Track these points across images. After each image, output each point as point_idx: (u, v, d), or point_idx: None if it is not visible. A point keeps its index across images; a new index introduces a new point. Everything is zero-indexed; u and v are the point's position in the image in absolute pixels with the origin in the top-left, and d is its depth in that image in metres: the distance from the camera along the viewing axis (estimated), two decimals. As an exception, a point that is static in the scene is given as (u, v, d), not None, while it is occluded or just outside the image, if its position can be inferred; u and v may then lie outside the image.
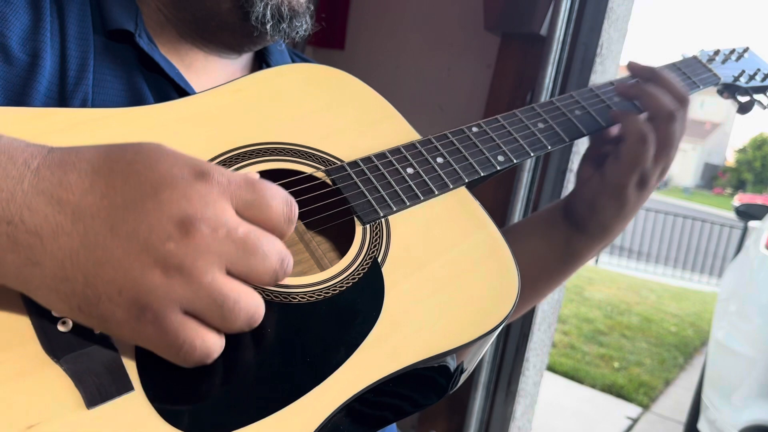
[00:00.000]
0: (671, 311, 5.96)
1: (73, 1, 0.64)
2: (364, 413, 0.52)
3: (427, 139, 0.68)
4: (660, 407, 3.79)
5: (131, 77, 0.65)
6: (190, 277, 0.38)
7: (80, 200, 0.39)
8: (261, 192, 0.42)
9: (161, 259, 0.38)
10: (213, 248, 0.39)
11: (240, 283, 0.41)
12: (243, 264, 0.40)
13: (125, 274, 0.38)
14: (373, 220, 0.60)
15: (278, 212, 0.43)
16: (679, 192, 36.46)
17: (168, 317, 0.39)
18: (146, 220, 0.39)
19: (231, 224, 0.40)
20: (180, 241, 0.38)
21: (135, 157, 0.41)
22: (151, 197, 0.39)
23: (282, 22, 0.68)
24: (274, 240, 0.42)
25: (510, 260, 0.61)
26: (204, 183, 0.40)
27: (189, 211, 0.39)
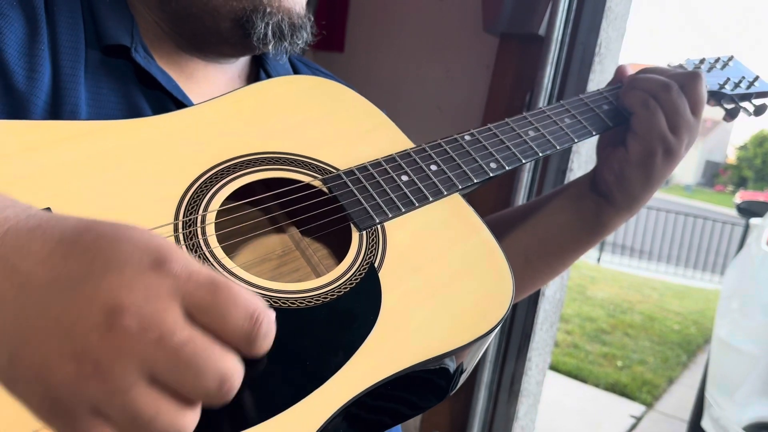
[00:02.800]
0: (674, 309, 5.95)
1: (62, 12, 0.63)
2: (363, 416, 0.52)
3: (420, 147, 0.70)
4: (663, 405, 3.78)
5: (128, 92, 0.65)
6: (104, 378, 0.34)
7: (31, 270, 0.36)
8: (222, 297, 0.36)
9: (79, 351, 0.34)
10: (137, 351, 0.34)
11: (164, 397, 0.35)
12: (171, 377, 0.34)
13: (42, 359, 0.34)
14: (370, 226, 0.61)
15: (234, 326, 0.36)
16: (681, 190, 36.42)
17: (76, 415, 0.34)
18: (77, 304, 0.35)
19: (167, 328, 0.34)
20: (103, 334, 0.34)
21: (107, 232, 0.37)
22: (94, 279, 0.35)
23: (284, 40, 0.68)
24: (220, 356, 0.35)
25: (504, 264, 0.62)
26: (156, 273, 0.35)
27: (124, 302, 0.34)
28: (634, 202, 0.81)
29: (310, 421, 0.47)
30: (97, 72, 0.64)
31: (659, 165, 0.77)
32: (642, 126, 0.76)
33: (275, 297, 0.52)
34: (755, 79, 0.94)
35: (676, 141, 0.76)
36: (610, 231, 0.85)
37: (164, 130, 0.60)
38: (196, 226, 0.54)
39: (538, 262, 0.87)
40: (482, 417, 1.62)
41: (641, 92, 0.78)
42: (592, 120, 0.80)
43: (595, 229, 0.84)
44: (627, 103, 0.79)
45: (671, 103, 0.76)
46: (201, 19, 0.67)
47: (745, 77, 0.94)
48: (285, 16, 0.67)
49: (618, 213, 0.83)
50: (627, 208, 0.82)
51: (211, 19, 0.67)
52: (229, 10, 0.66)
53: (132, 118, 0.60)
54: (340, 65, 2.02)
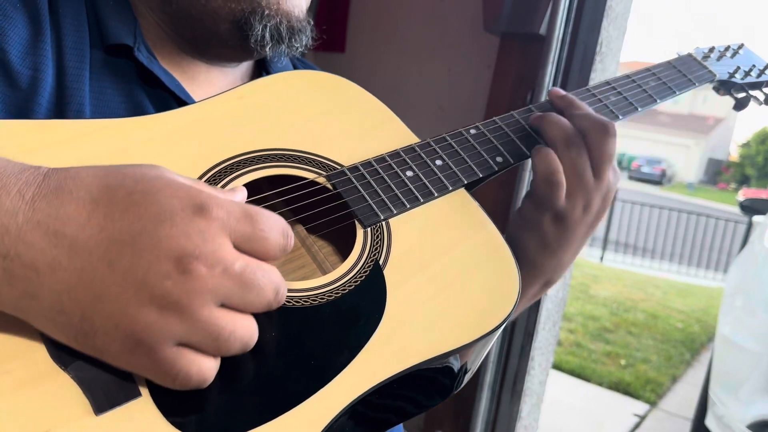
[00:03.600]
0: (677, 307, 5.94)
1: (68, 13, 0.64)
2: (369, 414, 0.52)
3: (425, 142, 0.69)
4: (667, 404, 3.78)
5: (131, 91, 0.65)
6: (186, 314, 0.39)
7: (77, 234, 0.39)
8: (259, 225, 0.43)
9: (158, 297, 0.39)
10: (209, 286, 0.39)
11: (235, 313, 0.42)
12: (238, 298, 0.41)
13: (121, 310, 0.39)
14: (374, 223, 0.60)
15: (275, 244, 0.44)
16: (683, 188, 36.35)
17: (163, 351, 0.40)
18: (144, 257, 0.39)
19: (228, 261, 0.40)
20: (177, 280, 0.39)
21: (135, 187, 0.41)
22: (149, 233, 0.39)
23: (281, 43, 0.68)
24: (270, 272, 0.43)
25: (510, 260, 0.61)
26: (203, 218, 0.40)
27: (187, 249, 0.39)
28: (536, 267, 0.74)
29: (316, 420, 0.47)
30: (100, 72, 0.64)
31: (550, 231, 0.70)
32: (539, 192, 0.69)
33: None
34: (766, 67, 0.92)
35: (568, 207, 0.68)
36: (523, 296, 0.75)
37: (167, 128, 0.60)
38: None
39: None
40: (485, 416, 1.62)
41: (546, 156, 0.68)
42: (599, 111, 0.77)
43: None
44: (532, 164, 0.69)
45: (570, 164, 0.67)
46: (200, 21, 0.67)
47: (756, 65, 0.92)
48: (284, 19, 0.67)
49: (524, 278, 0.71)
50: (532, 274, 0.74)
51: (210, 21, 0.67)
52: (228, 12, 0.66)
53: (134, 117, 0.60)
54: (342, 66, 2.02)
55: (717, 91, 0.92)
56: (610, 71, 1.55)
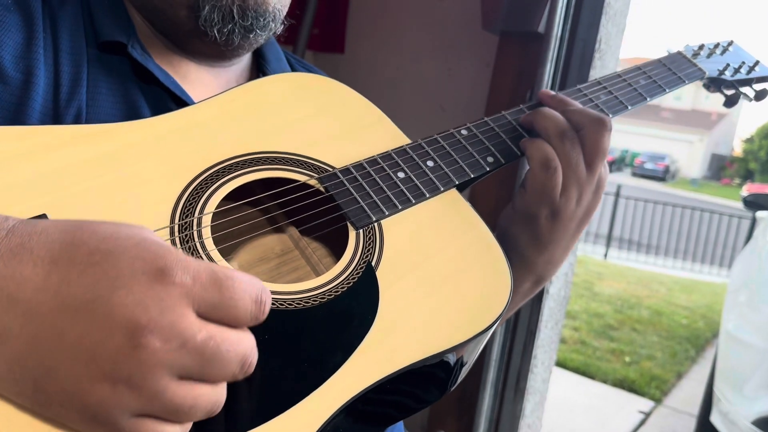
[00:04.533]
0: (682, 304, 5.93)
1: (65, 16, 0.64)
2: (363, 415, 0.53)
3: (417, 143, 0.69)
4: (672, 400, 3.77)
5: (126, 89, 0.65)
6: (139, 390, 0.36)
7: (32, 298, 0.36)
8: (228, 292, 0.39)
9: (109, 372, 0.36)
10: (164, 361, 0.36)
11: (196, 384, 0.38)
12: (198, 371, 0.38)
13: (73, 385, 0.36)
14: (366, 224, 0.61)
15: (244, 313, 0.40)
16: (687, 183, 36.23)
17: (120, 424, 0.37)
18: (96, 328, 0.36)
19: (188, 334, 0.37)
20: (129, 355, 0.36)
21: (99, 245, 0.38)
22: (103, 300, 0.36)
23: (231, 22, 0.65)
24: (237, 342, 0.39)
25: (501, 258, 0.61)
26: (163, 284, 0.37)
27: (141, 321, 0.36)
28: (527, 263, 0.74)
29: (310, 421, 0.47)
30: (96, 70, 0.64)
31: (543, 225, 0.71)
32: (534, 185, 0.69)
33: (273, 298, 0.52)
34: (755, 63, 0.93)
35: (562, 200, 0.69)
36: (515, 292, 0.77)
37: (158, 133, 0.60)
38: (192, 228, 0.54)
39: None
40: (488, 415, 1.62)
41: (541, 147, 0.69)
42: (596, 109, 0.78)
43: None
44: (526, 154, 0.70)
45: (564, 156, 0.68)
46: (163, 11, 0.67)
47: (746, 62, 0.92)
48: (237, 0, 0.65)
49: (516, 274, 0.74)
50: (523, 270, 0.75)
51: (170, 10, 0.67)
52: None
53: (127, 121, 0.60)
54: (341, 67, 2.02)
55: (707, 89, 0.92)
56: (610, 68, 1.55)
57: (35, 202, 0.50)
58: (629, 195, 10.06)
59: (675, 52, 0.90)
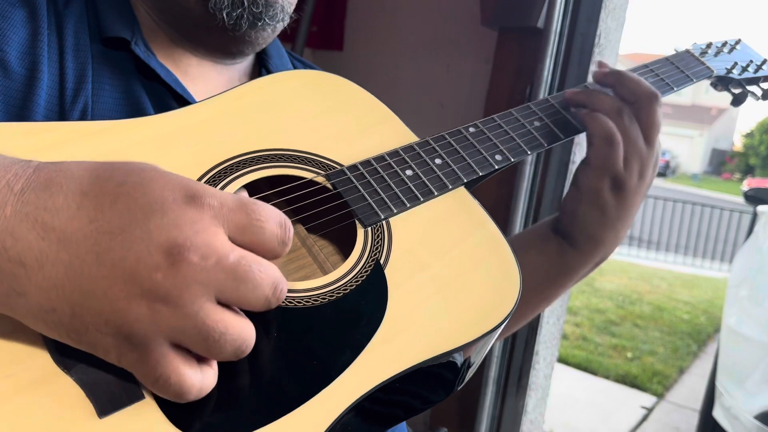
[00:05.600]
0: (683, 299, 5.93)
1: (71, 13, 0.64)
2: (372, 414, 0.52)
3: (425, 140, 0.69)
4: (674, 396, 3.78)
5: (129, 86, 0.65)
6: (176, 307, 0.37)
7: (66, 226, 0.38)
8: (254, 215, 0.41)
9: (147, 290, 0.37)
10: (201, 278, 0.38)
11: (229, 312, 0.39)
12: (233, 292, 0.39)
13: (111, 305, 0.37)
14: (374, 222, 0.60)
15: (272, 235, 0.41)
16: (687, 179, 36.20)
17: (151, 347, 0.38)
18: (134, 249, 0.37)
19: (221, 252, 0.38)
20: (167, 272, 0.37)
21: (125, 179, 0.39)
22: (140, 224, 0.38)
23: (240, 6, 0.66)
24: (267, 266, 0.41)
25: (510, 257, 0.61)
26: (195, 208, 0.39)
27: (178, 240, 0.37)
28: (595, 243, 0.76)
29: (319, 420, 0.47)
30: (100, 66, 0.64)
31: (609, 201, 0.72)
32: (598, 160, 0.71)
33: (281, 295, 0.52)
34: (763, 62, 0.92)
35: (626, 173, 0.71)
36: (578, 274, 0.80)
37: (165, 130, 0.60)
38: None
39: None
40: (490, 412, 1.62)
41: (604, 121, 0.71)
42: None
43: (562, 271, 0.79)
44: (588, 131, 0.73)
45: (624, 131, 0.71)
46: (174, 1, 0.67)
47: (753, 61, 0.92)
48: None
49: (582, 255, 0.78)
50: (591, 251, 0.77)
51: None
52: None
53: (132, 118, 0.60)
54: (340, 64, 2.02)
55: (714, 87, 0.92)
56: (610, 63, 1.54)
57: None
58: (629, 191, 10.03)
59: (683, 50, 0.89)
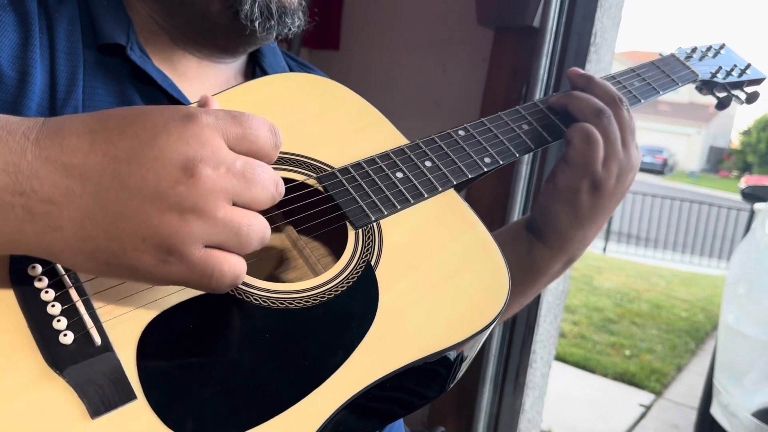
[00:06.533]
0: (681, 297, 5.94)
1: (62, 16, 0.64)
2: (364, 413, 0.53)
3: (415, 143, 0.70)
4: (673, 393, 3.78)
5: (123, 90, 0.65)
6: (205, 214, 0.41)
7: (84, 161, 0.41)
8: (247, 123, 0.45)
9: (175, 203, 0.41)
10: (219, 185, 0.42)
11: (246, 210, 0.44)
12: (246, 194, 0.43)
13: (144, 222, 0.41)
14: (365, 224, 0.61)
15: (266, 140, 0.45)
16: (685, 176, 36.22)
17: (193, 254, 0.42)
18: (152, 168, 0.41)
19: (229, 160, 0.43)
20: (188, 184, 0.41)
21: (125, 112, 0.43)
22: (149, 145, 0.41)
23: (271, 19, 0.68)
24: (266, 168, 0.45)
25: (499, 258, 0.62)
26: (194, 123, 0.42)
27: (189, 154, 0.41)
28: (564, 241, 0.77)
29: (309, 421, 0.47)
30: (93, 71, 0.64)
31: (585, 201, 0.73)
32: (575, 158, 0.72)
33: (272, 297, 0.52)
34: (747, 66, 0.94)
35: (605, 174, 0.72)
36: (547, 272, 0.81)
37: None
38: None
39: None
40: (488, 411, 1.62)
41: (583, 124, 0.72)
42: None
43: (531, 268, 0.80)
44: (567, 132, 0.73)
45: (603, 132, 0.71)
46: (192, 4, 0.68)
47: (737, 65, 0.93)
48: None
49: (551, 253, 0.79)
50: (559, 248, 0.78)
51: (201, 3, 0.67)
52: None
53: None
54: (337, 63, 2.02)
55: (699, 91, 0.93)
56: (605, 62, 1.55)
57: None
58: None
59: (668, 54, 0.91)
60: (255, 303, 0.52)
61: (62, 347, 0.44)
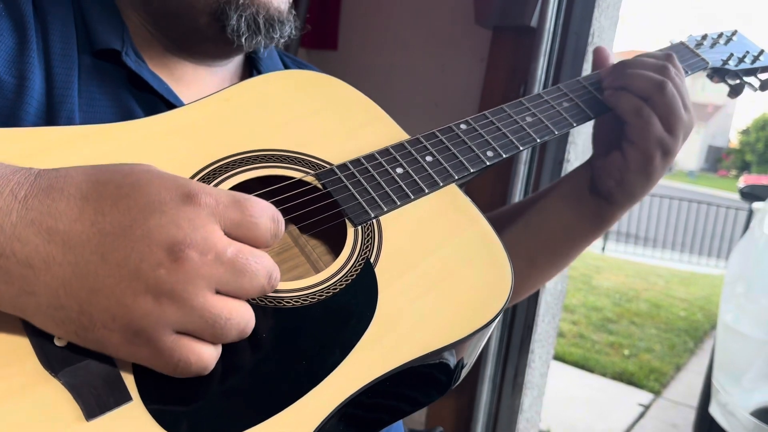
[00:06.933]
0: (680, 296, 5.94)
1: (55, 20, 0.64)
2: (363, 413, 0.52)
3: (415, 138, 0.69)
4: (671, 393, 3.78)
5: (120, 96, 0.65)
6: (181, 301, 0.40)
7: (70, 229, 0.40)
8: (248, 211, 0.43)
9: (152, 286, 0.39)
10: (202, 272, 0.40)
11: (229, 299, 0.42)
12: (232, 284, 0.42)
13: (118, 301, 0.39)
14: (365, 221, 0.60)
15: (265, 229, 0.44)
16: (684, 176, 36.25)
17: (161, 339, 0.40)
18: (136, 247, 0.39)
19: (219, 247, 0.41)
20: (170, 268, 0.39)
21: (124, 181, 0.42)
22: (140, 223, 0.40)
23: (257, 34, 0.68)
24: (261, 257, 0.43)
25: (502, 254, 0.61)
26: (192, 206, 0.41)
27: (178, 237, 0.40)
28: (634, 199, 0.82)
29: (309, 419, 0.47)
30: (89, 77, 0.64)
31: (658, 167, 0.77)
32: (637, 135, 0.74)
33: (271, 296, 0.52)
34: (760, 53, 0.92)
35: (673, 141, 0.75)
36: (612, 224, 0.87)
37: (155, 132, 0.60)
38: None
39: (544, 263, 0.88)
40: (487, 411, 1.62)
41: (632, 98, 0.74)
42: (591, 102, 0.78)
43: (598, 226, 0.85)
44: (618, 110, 0.76)
45: (666, 106, 0.73)
46: (180, 17, 0.67)
47: (750, 51, 0.91)
48: (261, 10, 0.67)
49: (620, 209, 0.83)
50: (628, 204, 0.83)
51: (189, 16, 0.67)
52: (204, 5, 0.66)
53: (124, 121, 0.60)
54: (335, 63, 2.02)
55: (711, 79, 0.91)
56: (604, 62, 1.55)
57: None
58: (626, 188, 10.04)
59: (678, 42, 0.89)
60: (252, 303, 0.51)
61: (57, 350, 0.44)
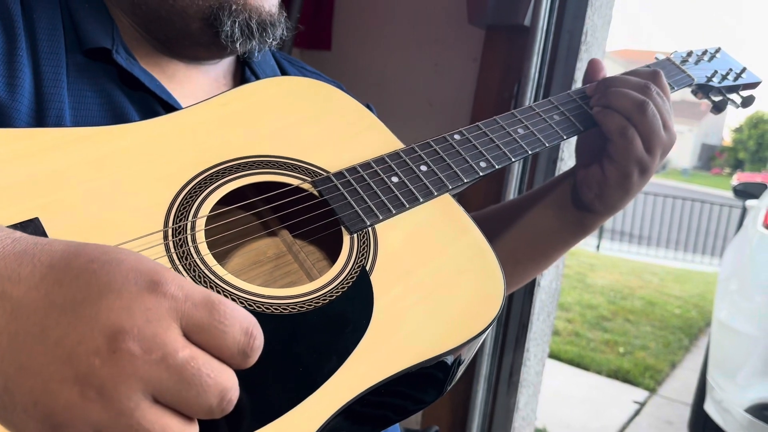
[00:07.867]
0: (674, 293, 5.97)
1: (41, 18, 0.63)
2: (360, 419, 0.53)
3: (410, 147, 0.69)
4: (667, 390, 3.80)
5: (112, 94, 0.64)
6: (108, 402, 0.34)
7: (23, 296, 0.36)
8: (218, 315, 0.36)
9: (82, 376, 0.34)
10: (140, 372, 0.34)
11: (167, 413, 0.35)
12: (174, 395, 0.35)
13: (43, 385, 0.34)
14: (360, 229, 0.60)
15: (233, 342, 0.37)
16: (678, 174, 36.39)
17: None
18: (78, 328, 0.34)
19: (170, 348, 0.35)
20: (106, 359, 0.34)
21: (97, 257, 0.37)
22: (92, 302, 0.35)
23: (251, 39, 0.68)
24: (219, 371, 0.36)
25: (494, 263, 0.62)
26: (154, 295, 0.36)
27: (125, 326, 0.34)
28: (615, 209, 0.84)
29: (303, 428, 0.47)
30: (80, 76, 0.63)
31: (636, 183, 0.79)
32: (618, 154, 0.76)
33: (266, 303, 0.52)
34: (742, 70, 0.95)
35: (651, 160, 0.77)
36: (591, 231, 0.90)
37: (152, 136, 0.60)
38: (186, 233, 0.54)
39: (528, 262, 0.91)
40: (482, 409, 1.62)
41: (619, 117, 0.76)
42: (581, 116, 0.80)
43: (581, 231, 0.88)
44: (604, 127, 0.77)
45: (646, 125, 0.75)
46: (171, 21, 0.67)
47: (733, 69, 0.94)
48: (253, 14, 0.67)
49: (602, 218, 0.86)
50: (609, 214, 0.85)
51: (180, 21, 0.67)
52: (197, 10, 0.66)
53: (119, 124, 0.59)
54: (328, 63, 2.02)
55: (695, 95, 0.95)
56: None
57: (28, 204, 0.50)
58: (620, 186, 10.07)
59: (664, 58, 0.92)
60: (249, 309, 0.51)
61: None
